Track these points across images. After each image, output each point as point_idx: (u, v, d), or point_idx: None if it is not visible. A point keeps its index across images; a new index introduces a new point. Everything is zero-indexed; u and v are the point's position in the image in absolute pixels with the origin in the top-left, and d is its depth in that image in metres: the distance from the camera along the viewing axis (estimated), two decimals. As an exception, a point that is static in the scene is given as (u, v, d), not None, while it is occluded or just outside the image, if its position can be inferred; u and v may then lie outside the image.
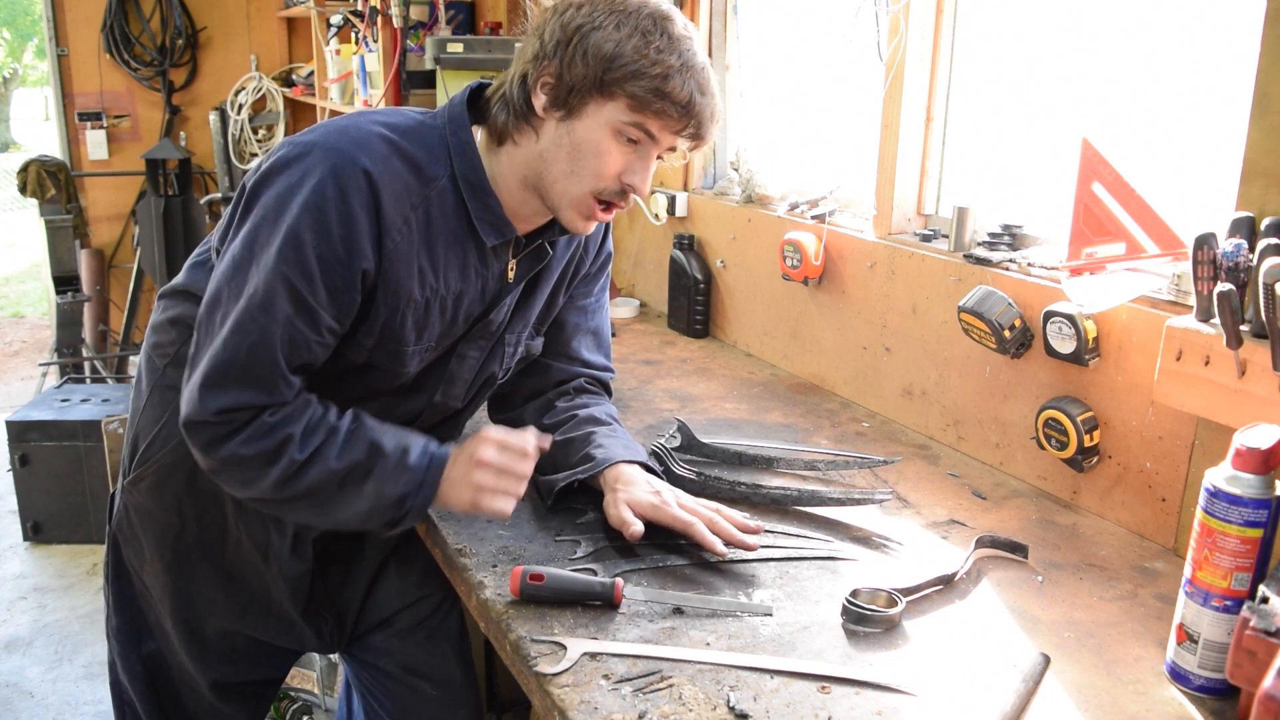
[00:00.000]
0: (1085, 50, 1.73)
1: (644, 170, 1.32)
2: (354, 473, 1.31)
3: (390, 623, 1.68)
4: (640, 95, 1.25)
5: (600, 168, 1.29)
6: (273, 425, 1.27)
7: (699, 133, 1.30)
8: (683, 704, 1.07)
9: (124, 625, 1.57)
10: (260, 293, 1.24)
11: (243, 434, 1.26)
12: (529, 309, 1.53)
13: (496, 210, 1.36)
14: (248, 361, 1.25)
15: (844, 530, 1.51)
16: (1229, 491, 1.08)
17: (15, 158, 12.32)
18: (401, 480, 1.32)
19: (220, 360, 1.25)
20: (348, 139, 1.27)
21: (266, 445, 1.27)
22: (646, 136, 1.29)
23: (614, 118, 1.27)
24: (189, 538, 1.50)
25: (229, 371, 1.25)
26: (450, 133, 1.35)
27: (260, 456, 1.27)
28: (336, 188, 1.24)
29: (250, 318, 1.24)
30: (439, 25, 3.67)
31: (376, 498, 1.32)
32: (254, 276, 1.25)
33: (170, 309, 1.48)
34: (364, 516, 1.34)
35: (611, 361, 1.72)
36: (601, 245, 1.63)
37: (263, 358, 1.25)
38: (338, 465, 1.30)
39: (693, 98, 1.26)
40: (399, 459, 1.33)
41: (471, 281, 1.40)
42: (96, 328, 5.18)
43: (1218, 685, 1.12)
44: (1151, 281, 1.48)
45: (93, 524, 3.76)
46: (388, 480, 1.32)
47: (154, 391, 1.48)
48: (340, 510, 1.33)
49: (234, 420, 1.26)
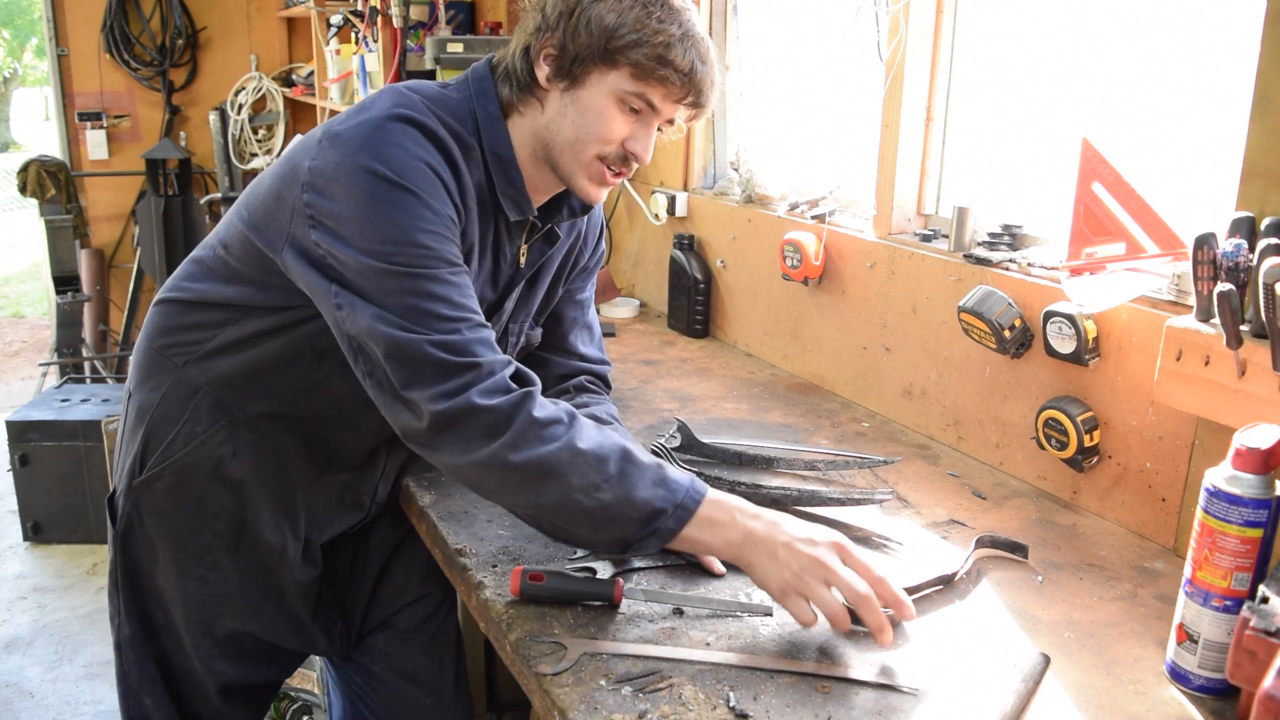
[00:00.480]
0: (1085, 50, 1.73)
1: (646, 138, 1.34)
2: (604, 463, 1.20)
3: (391, 623, 1.68)
4: (643, 63, 1.27)
5: (604, 132, 1.31)
6: (511, 378, 1.21)
7: (698, 100, 1.32)
8: (683, 704, 1.07)
9: (135, 633, 1.54)
10: (401, 273, 1.19)
11: (481, 385, 1.18)
12: (531, 299, 1.53)
13: (520, 185, 1.37)
14: (441, 340, 1.19)
15: (844, 530, 1.51)
16: (1229, 491, 1.08)
17: (15, 158, 12.33)
18: (659, 493, 1.20)
19: (416, 353, 1.18)
20: (401, 100, 1.26)
21: (503, 401, 1.18)
22: (648, 106, 1.31)
23: (617, 86, 1.29)
24: (205, 538, 1.48)
25: (429, 358, 1.18)
26: (478, 105, 1.35)
27: (495, 410, 1.18)
28: (419, 151, 1.22)
29: (414, 313, 1.19)
30: (439, 25, 3.67)
31: (621, 504, 1.19)
32: (372, 272, 1.19)
33: (186, 314, 1.43)
34: (598, 524, 1.20)
35: (605, 354, 1.73)
36: (598, 241, 1.65)
37: (454, 300, 1.21)
38: (584, 446, 1.19)
39: (694, 66, 1.29)
40: (658, 471, 1.22)
41: (488, 259, 1.40)
42: (96, 328, 5.18)
43: (1218, 685, 1.12)
44: (1151, 281, 1.48)
45: (93, 524, 3.76)
46: (639, 485, 1.20)
47: (171, 390, 1.44)
48: (572, 508, 1.20)
49: (473, 374, 1.19)
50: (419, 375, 1.18)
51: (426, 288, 1.20)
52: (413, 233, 1.19)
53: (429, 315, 1.19)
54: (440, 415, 1.17)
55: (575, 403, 1.61)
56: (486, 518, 1.48)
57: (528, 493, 1.21)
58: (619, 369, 2.29)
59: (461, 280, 1.24)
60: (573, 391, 1.64)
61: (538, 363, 1.64)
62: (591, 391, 1.66)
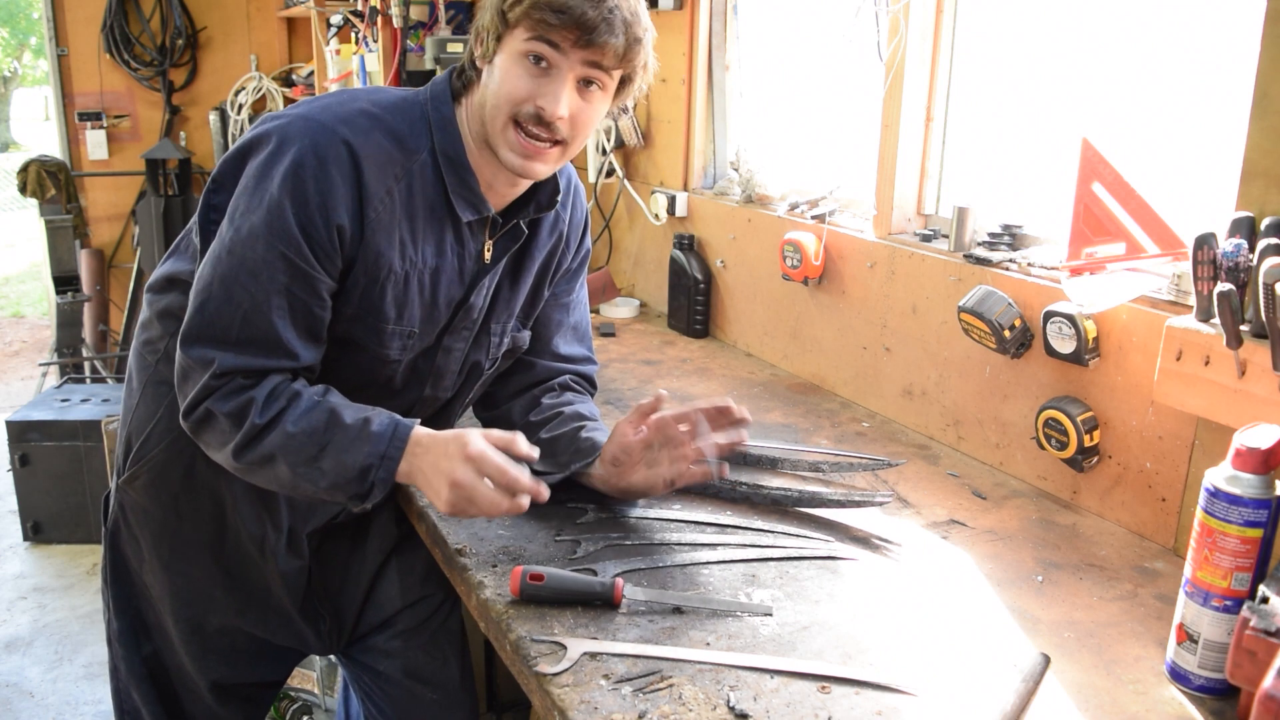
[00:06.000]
0: (1085, 50, 1.73)
1: (553, 92, 1.30)
2: (311, 440, 1.30)
3: (391, 623, 1.68)
4: (530, 14, 1.28)
5: (510, 91, 1.31)
6: (242, 387, 1.30)
7: (593, 39, 1.27)
8: (683, 704, 1.07)
9: (125, 629, 1.57)
10: (250, 261, 1.28)
11: (219, 392, 1.29)
12: (513, 298, 1.54)
13: (473, 186, 1.39)
14: (243, 327, 1.28)
15: (844, 530, 1.51)
16: (1229, 491, 1.08)
17: (15, 158, 12.32)
18: (362, 451, 1.30)
19: (215, 324, 1.29)
20: (329, 113, 1.32)
21: (232, 406, 1.28)
22: (551, 49, 1.28)
23: (517, 45, 1.31)
24: (186, 534, 1.51)
25: (225, 335, 1.29)
26: (432, 108, 1.38)
27: (227, 417, 1.28)
28: (316, 157, 1.28)
29: (241, 286, 1.28)
30: (439, 25, 3.66)
31: (337, 469, 1.30)
32: (239, 247, 1.28)
33: (157, 302, 1.48)
34: (329, 488, 1.32)
35: (593, 352, 1.73)
36: (581, 241, 1.65)
37: (258, 324, 1.28)
38: (294, 430, 1.29)
39: (581, 6, 1.26)
40: (360, 428, 1.31)
41: (448, 259, 1.41)
42: (96, 328, 5.18)
43: (1218, 685, 1.12)
44: (1151, 281, 1.48)
45: (93, 524, 3.76)
46: (347, 450, 1.30)
47: (146, 388, 1.48)
48: (302, 480, 1.32)
49: (222, 381, 1.29)
50: (188, 370, 1.31)
51: (246, 300, 1.29)
52: (272, 262, 1.28)
53: (227, 323, 1.29)
54: (190, 425, 1.33)
55: (560, 399, 1.61)
56: (486, 518, 1.48)
57: (265, 478, 1.34)
58: (619, 369, 2.29)
59: (281, 307, 1.30)
60: (557, 390, 1.65)
61: (523, 366, 1.65)
62: (575, 391, 1.67)
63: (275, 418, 1.29)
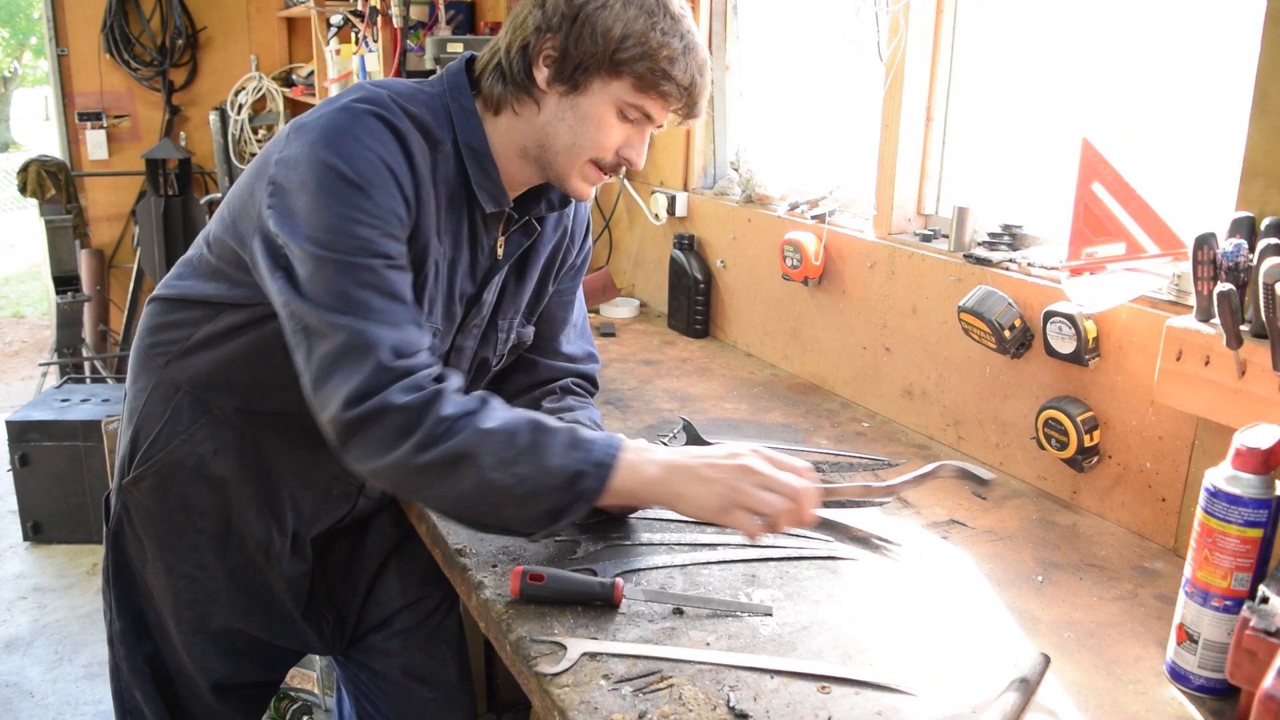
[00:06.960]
0: (1085, 50, 1.73)
1: (640, 145, 1.38)
2: (512, 440, 1.18)
3: (390, 623, 1.68)
4: (646, 76, 1.29)
5: (603, 140, 1.34)
6: (427, 378, 1.21)
7: (693, 112, 1.36)
8: (683, 704, 1.07)
9: (127, 629, 1.56)
10: (346, 249, 1.21)
11: (396, 386, 1.18)
12: (519, 294, 1.54)
13: (495, 178, 1.38)
14: (381, 307, 1.21)
15: (844, 530, 1.51)
16: (1229, 491, 1.08)
17: (15, 158, 12.32)
18: (575, 455, 1.19)
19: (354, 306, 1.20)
20: (367, 99, 1.28)
21: (414, 399, 1.17)
22: (645, 117, 1.34)
23: (619, 96, 1.31)
24: (192, 536, 1.50)
25: (367, 315, 1.20)
26: (452, 99, 1.37)
27: (405, 410, 1.17)
28: (373, 136, 1.24)
29: (345, 300, 1.20)
30: (439, 25, 3.66)
31: (540, 475, 1.18)
32: (332, 243, 1.21)
33: (171, 312, 1.46)
34: (521, 500, 1.19)
35: (594, 347, 1.73)
36: (585, 237, 1.66)
37: (390, 294, 1.23)
38: (491, 426, 1.18)
39: (694, 80, 1.32)
40: (571, 434, 1.21)
41: (464, 252, 1.41)
42: (96, 328, 5.18)
43: (1218, 685, 1.12)
44: (1151, 281, 1.48)
45: (93, 524, 3.76)
46: (554, 452, 1.19)
47: (155, 390, 1.47)
48: (489, 491, 1.18)
49: (391, 374, 1.18)
50: (337, 366, 1.18)
51: (361, 277, 1.21)
52: (352, 225, 1.21)
53: (360, 304, 1.20)
54: (352, 419, 1.17)
55: (560, 405, 1.61)
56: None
57: (444, 486, 1.19)
58: (619, 369, 2.29)
59: (395, 275, 1.24)
60: (558, 393, 1.65)
61: (525, 365, 1.65)
62: (576, 394, 1.66)
63: (467, 414, 1.19)
